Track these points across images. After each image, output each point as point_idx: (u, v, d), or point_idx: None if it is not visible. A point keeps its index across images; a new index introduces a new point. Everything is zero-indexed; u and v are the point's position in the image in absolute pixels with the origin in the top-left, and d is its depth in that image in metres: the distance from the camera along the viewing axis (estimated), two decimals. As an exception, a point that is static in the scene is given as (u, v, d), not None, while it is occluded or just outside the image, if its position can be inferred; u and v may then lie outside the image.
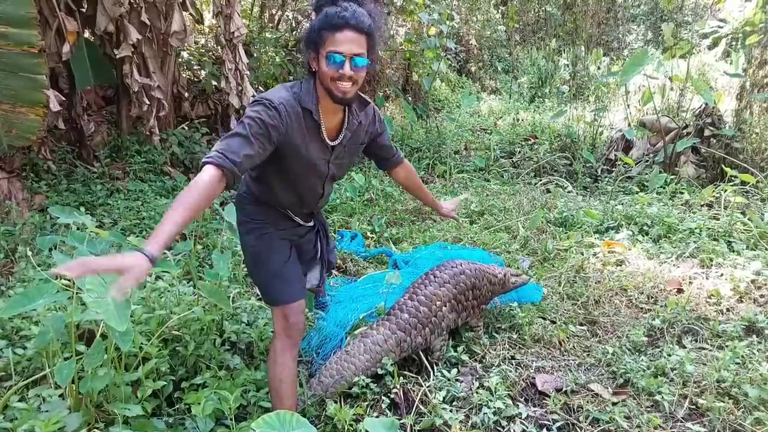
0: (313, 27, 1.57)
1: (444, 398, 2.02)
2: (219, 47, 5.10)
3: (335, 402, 1.98)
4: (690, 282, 2.90)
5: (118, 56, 4.34)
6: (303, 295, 1.84)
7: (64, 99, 4.02)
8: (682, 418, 1.95)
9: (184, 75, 5.58)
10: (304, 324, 1.86)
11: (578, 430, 1.90)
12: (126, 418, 1.65)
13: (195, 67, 5.92)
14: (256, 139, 1.50)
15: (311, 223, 1.95)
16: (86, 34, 4.56)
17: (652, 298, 2.80)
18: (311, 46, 1.59)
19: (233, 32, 4.84)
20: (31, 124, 3.43)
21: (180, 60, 5.62)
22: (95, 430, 1.62)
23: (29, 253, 2.17)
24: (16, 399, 1.70)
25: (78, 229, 2.60)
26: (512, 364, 2.26)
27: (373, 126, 1.88)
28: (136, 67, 4.46)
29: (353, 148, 1.84)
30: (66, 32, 3.90)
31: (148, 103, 4.56)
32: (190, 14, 5.48)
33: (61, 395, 1.70)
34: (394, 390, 2.05)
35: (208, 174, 1.39)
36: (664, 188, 4.42)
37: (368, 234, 3.74)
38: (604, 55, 9.31)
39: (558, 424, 1.92)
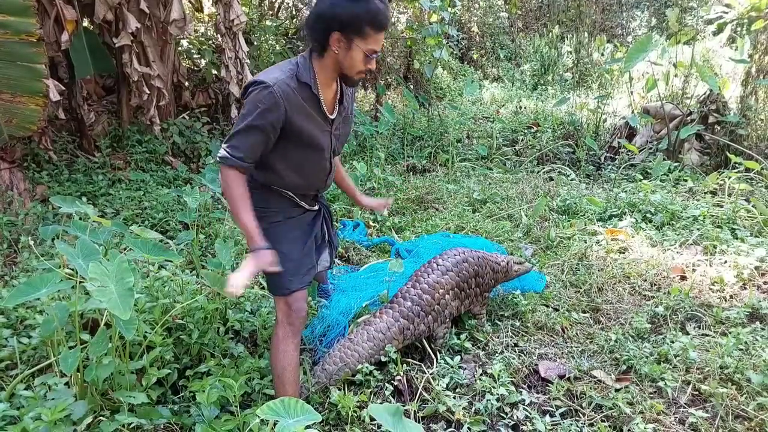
0: (357, 17, 1.53)
1: (447, 385, 2.03)
2: (219, 35, 5.05)
3: (339, 389, 1.99)
4: (693, 269, 2.90)
5: (117, 45, 4.31)
6: (306, 283, 1.84)
7: (63, 89, 3.99)
8: (685, 404, 1.95)
9: (184, 64, 5.54)
10: (307, 312, 1.86)
11: (581, 416, 1.91)
12: (131, 406, 1.67)
13: (195, 56, 5.87)
14: (259, 130, 1.60)
15: (316, 207, 1.93)
16: (85, 23, 4.52)
17: (655, 285, 2.80)
18: (346, 32, 1.55)
19: (233, 20, 4.79)
20: (31, 114, 3.41)
21: (180, 49, 5.57)
22: (101, 417, 1.63)
23: (32, 243, 2.17)
24: (23, 387, 1.72)
25: (80, 218, 2.60)
26: (515, 352, 2.27)
27: (354, 96, 1.94)
28: (135, 56, 4.42)
29: (347, 117, 1.88)
30: (65, 21, 3.86)
31: (148, 92, 4.53)
32: (190, 2, 5.43)
33: (66, 383, 1.71)
34: (398, 377, 2.06)
35: (233, 175, 1.64)
36: (667, 175, 4.39)
37: (370, 223, 3.74)
38: (607, 42, 9.20)
39: (561, 411, 1.93)
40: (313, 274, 1.92)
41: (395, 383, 2.04)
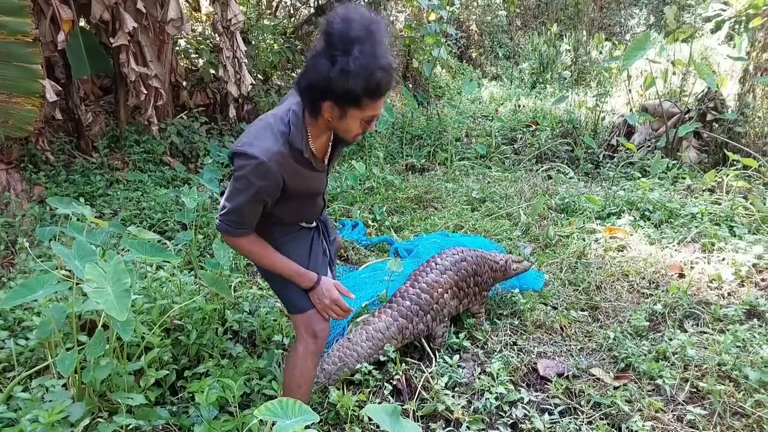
0: (353, 92, 1.35)
1: (446, 384, 2.02)
2: (216, 35, 5.04)
3: (338, 389, 1.98)
4: (691, 267, 2.90)
5: (114, 45, 4.29)
6: None
7: (60, 89, 3.98)
8: (683, 401, 1.96)
9: (181, 63, 5.53)
10: (329, 330, 1.78)
11: (580, 414, 1.91)
12: (129, 407, 1.66)
13: (192, 56, 5.86)
14: (257, 202, 1.53)
15: (313, 224, 1.89)
16: (81, 23, 4.51)
17: (653, 283, 2.80)
18: (339, 102, 1.39)
19: (230, 19, 4.78)
20: (28, 115, 3.40)
21: (177, 48, 5.56)
22: (99, 419, 1.62)
23: (28, 245, 2.17)
24: (20, 389, 1.71)
25: (77, 219, 2.59)
26: (514, 350, 2.27)
27: None
28: (132, 55, 4.41)
29: (337, 155, 1.77)
30: (61, 21, 3.85)
31: (145, 92, 4.52)
32: (187, 1, 5.41)
33: (64, 385, 1.71)
34: (397, 376, 2.05)
35: (243, 240, 1.60)
36: (665, 173, 4.40)
37: (369, 222, 3.73)
38: (606, 40, 9.20)
39: (559, 409, 1.93)
40: None
41: (394, 382, 2.04)
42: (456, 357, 2.14)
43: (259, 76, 5.82)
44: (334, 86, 1.36)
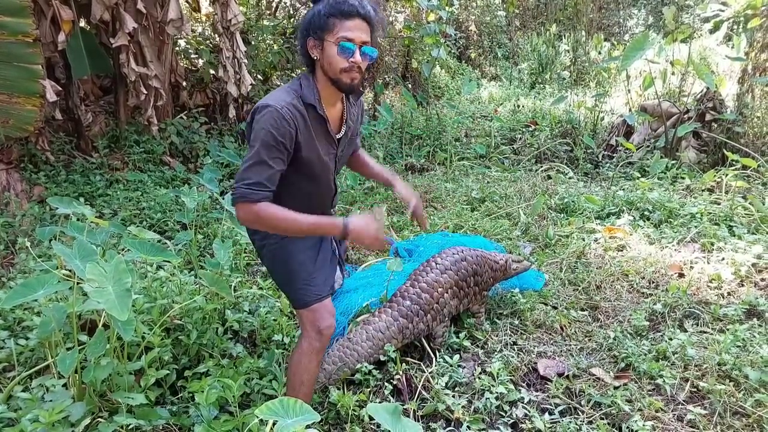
0: (319, 12, 1.53)
1: (446, 384, 2.03)
2: (216, 35, 5.05)
3: (338, 389, 1.99)
4: (691, 266, 2.90)
5: (114, 45, 4.30)
6: (325, 294, 1.75)
7: (60, 89, 3.98)
8: (683, 400, 1.96)
9: (181, 64, 5.53)
10: (335, 327, 1.77)
11: (580, 414, 1.91)
12: (130, 407, 1.66)
13: (192, 56, 5.86)
14: (273, 160, 1.54)
15: None
16: (82, 23, 4.51)
17: (653, 282, 2.81)
18: (315, 32, 1.55)
19: (230, 20, 4.78)
20: (28, 115, 3.41)
21: (177, 49, 5.56)
22: (99, 419, 1.63)
23: (29, 244, 2.17)
24: (20, 389, 1.71)
25: (77, 219, 2.59)
26: (514, 350, 2.27)
27: (363, 115, 1.90)
28: (132, 56, 4.42)
29: (352, 139, 1.82)
30: (61, 21, 3.85)
31: (145, 92, 4.53)
32: (187, 2, 5.42)
33: (64, 385, 1.71)
34: (397, 376, 2.05)
35: (263, 206, 1.54)
36: (665, 173, 4.40)
37: (369, 222, 3.73)
38: (605, 40, 9.21)
39: (560, 408, 1.93)
40: (330, 285, 1.82)
41: (394, 382, 2.04)
42: (456, 357, 2.14)
43: (258, 76, 5.82)
44: (307, 19, 1.59)
